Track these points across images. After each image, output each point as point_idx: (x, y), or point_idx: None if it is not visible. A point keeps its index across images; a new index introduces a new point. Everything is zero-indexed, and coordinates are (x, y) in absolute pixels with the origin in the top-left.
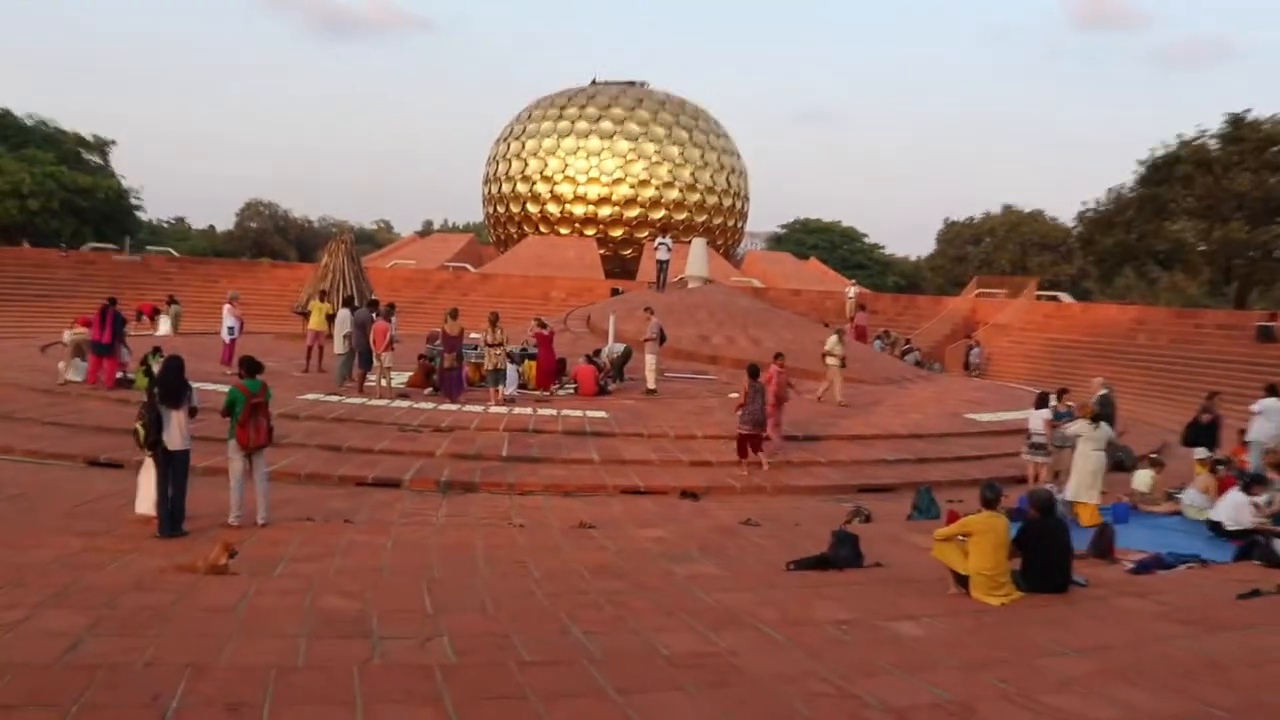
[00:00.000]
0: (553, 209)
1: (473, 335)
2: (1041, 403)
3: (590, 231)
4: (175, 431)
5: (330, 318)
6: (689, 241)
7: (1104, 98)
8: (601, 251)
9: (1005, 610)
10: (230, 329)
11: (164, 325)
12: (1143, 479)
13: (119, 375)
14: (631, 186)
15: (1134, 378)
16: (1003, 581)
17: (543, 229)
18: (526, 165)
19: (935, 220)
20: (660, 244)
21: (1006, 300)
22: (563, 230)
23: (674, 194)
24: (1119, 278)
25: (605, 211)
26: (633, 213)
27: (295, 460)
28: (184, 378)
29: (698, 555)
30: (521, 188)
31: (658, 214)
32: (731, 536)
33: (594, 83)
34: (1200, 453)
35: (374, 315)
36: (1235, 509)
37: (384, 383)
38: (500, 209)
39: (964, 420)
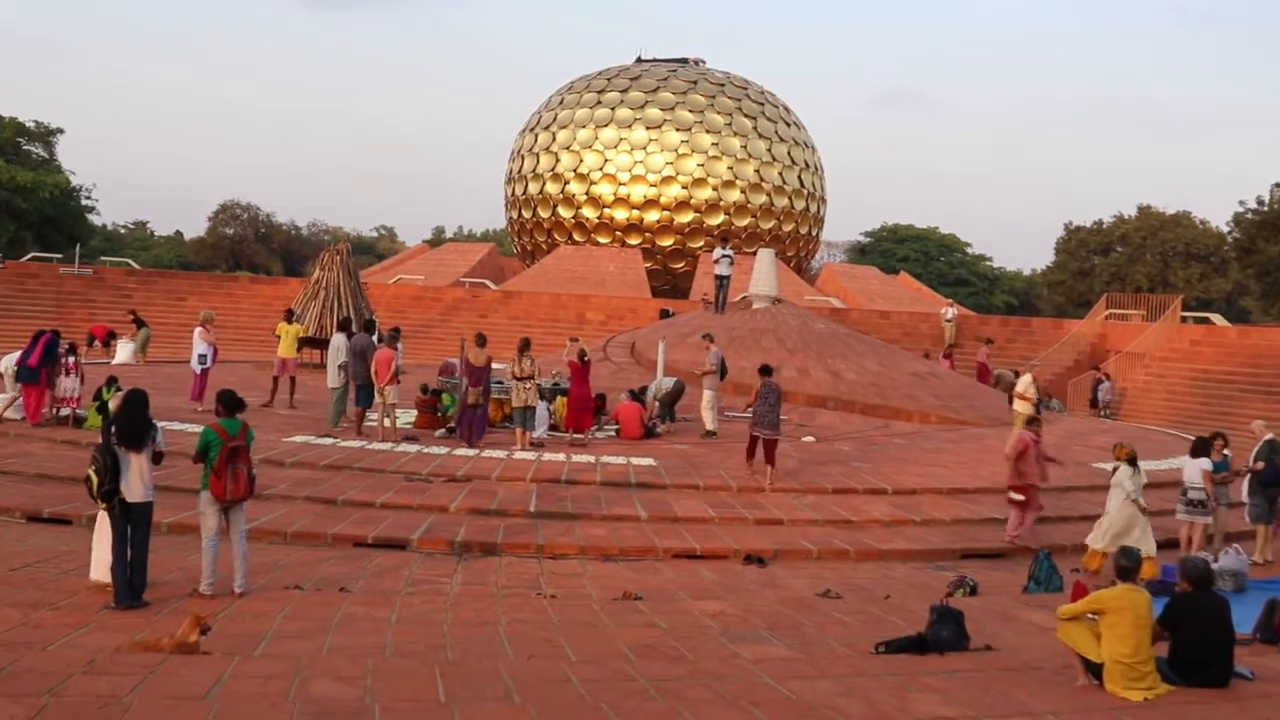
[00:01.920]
0: (589, 213)
1: (495, 365)
2: (1200, 450)
3: (634, 241)
4: (135, 480)
5: (311, 341)
6: (754, 253)
7: (1267, 69)
8: (647, 265)
9: (1149, 708)
10: (202, 357)
11: (122, 352)
12: None
13: (55, 411)
14: (684, 186)
15: None
16: (1145, 671)
17: (577, 238)
18: (557, 161)
19: (1054, 226)
20: (720, 256)
21: (1143, 323)
22: (601, 239)
23: (735, 195)
24: None
25: (652, 216)
26: (685, 218)
27: (280, 516)
28: (148, 415)
29: (766, 634)
30: (551, 188)
31: (716, 219)
32: (807, 611)
33: (639, 60)
34: None
35: (375, 341)
36: None
37: (387, 423)
38: (525, 214)
39: (1091, 471)
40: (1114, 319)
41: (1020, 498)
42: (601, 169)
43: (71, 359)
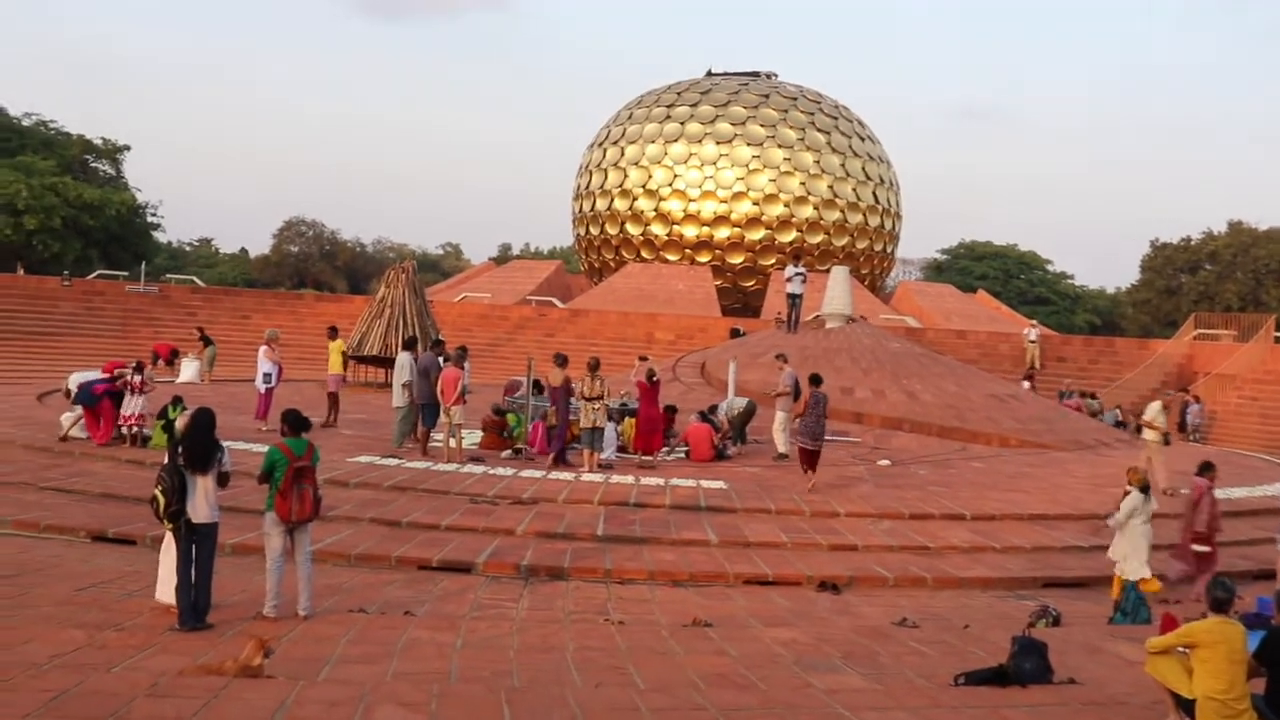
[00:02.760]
0: (658, 230)
1: None
2: None
3: (704, 258)
4: (202, 501)
5: (376, 360)
6: (827, 270)
7: None
8: (718, 283)
9: None
10: (267, 376)
11: (187, 370)
12: None
13: (124, 430)
14: (755, 203)
15: None
16: (1240, 709)
17: (645, 255)
18: (626, 177)
19: (1139, 242)
20: (792, 274)
21: (1234, 344)
22: (670, 257)
23: (808, 211)
24: None
25: (723, 233)
26: (757, 235)
27: (345, 538)
28: (214, 436)
29: (841, 664)
30: (620, 204)
31: (788, 236)
32: (883, 640)
33: (710, 74)
34: None
35: (441, 360)
36: None
37: (453, 443)
38: (593, 230)
39: (1181, 498)
40: (1203, 339)
41: (1205, 549)
42: (671, 185)
43: (138, 378)
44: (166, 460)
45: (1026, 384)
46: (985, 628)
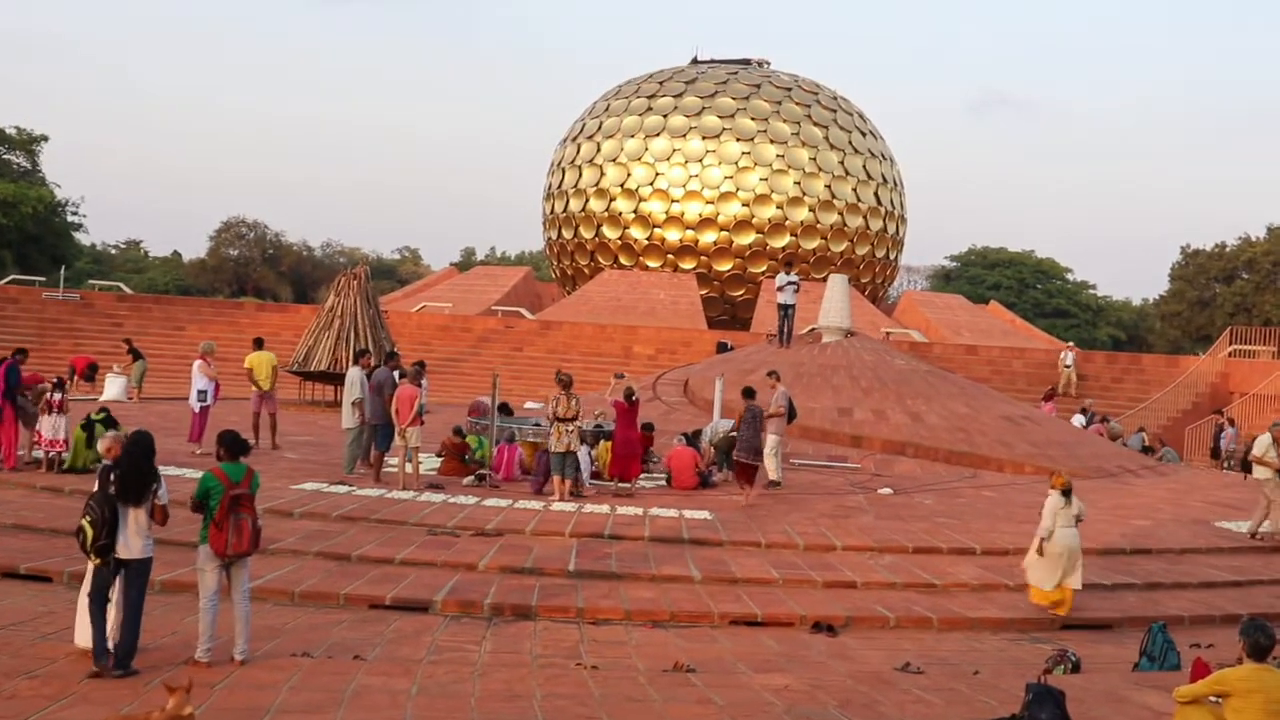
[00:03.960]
0: (637, 234)
1: (529, 405)
2: None
3: (688, 265)
4: (134, 534)
5: (325, 376)
6: (823, 279)
7: None
8: (703, 292)
9: None
10: (202, 394)
11: (111, 387)
12: None
13: (33, 453)
14: (745, 204)
15: None
16: None
17: (624, 261)
18: (602, 175)
19: (1169, 249)
20: (784, 283)
21: (1274, 361)
22: (651, 263)
23: (803, 214)
24: None
25: (709, 237)
26: (746, 239)
27: (287, 573)
28: (153, 464)
29: (837, 713)
30: (595, 205)
31: (781, 241)
32: (884, 688)
33: (695, 61)
34: None
35: (396, 376)
36: None
37: (409, 468)
38: (566, 234)
39: (1213, 530)
40: (1239, 356)
41: None
42: (652, 184)
43: (57, 395)
44: (96, 488)
45: (1047, 404)
46: (997, 674)
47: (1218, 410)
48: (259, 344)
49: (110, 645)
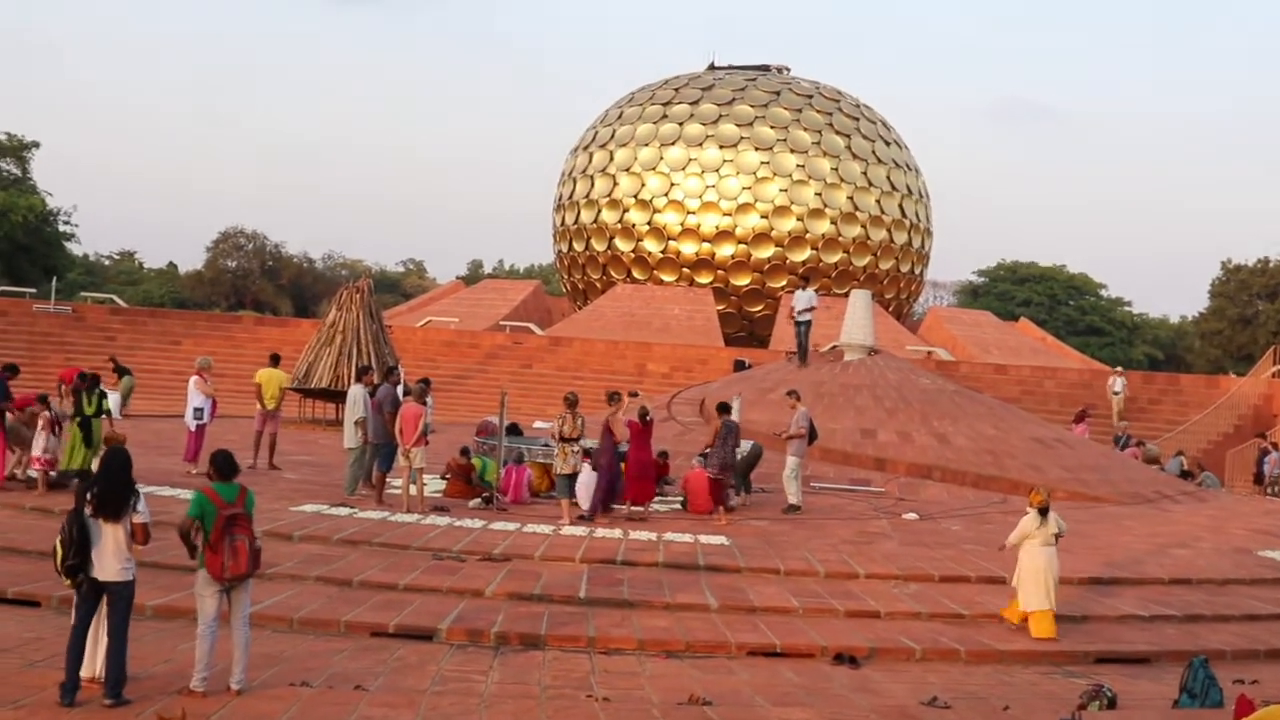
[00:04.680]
0: (651, 247)
1: (538, 424)
2: None
3: (705, 279)
4: (110, 555)
5: (326, 394)
6: (846, 294)
7: None
8: (720, 308)
9: None
10: (198, 411)
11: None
12: None
13: (24, 472)
14: (764, 216)
15: None
16: None
17: (637, 275)
18: (615, 185)
19: (1209, 264)
20: (803, 299)
21: None
22: (665, 277)
23: (824, 226)
24: None
25: (726, 251)
26: (765, 253)
27: (287, 599)
28: (130, 478)
29: None
30: (608, 216)
31: (801, 255)
32: None
33: (712, 67)
34: None
35: (400, 394)
36: None
37: (413, 490)
38: (577, 246)
39: (1256, 560)
40: None
41: None
42: (667, 195)
43: (47, 413)
44: (75, 505)
45: (1079, 426)
46: (1028, 709)
47: (1261, 434)
48: (275, 360)
49: (94, 676)
